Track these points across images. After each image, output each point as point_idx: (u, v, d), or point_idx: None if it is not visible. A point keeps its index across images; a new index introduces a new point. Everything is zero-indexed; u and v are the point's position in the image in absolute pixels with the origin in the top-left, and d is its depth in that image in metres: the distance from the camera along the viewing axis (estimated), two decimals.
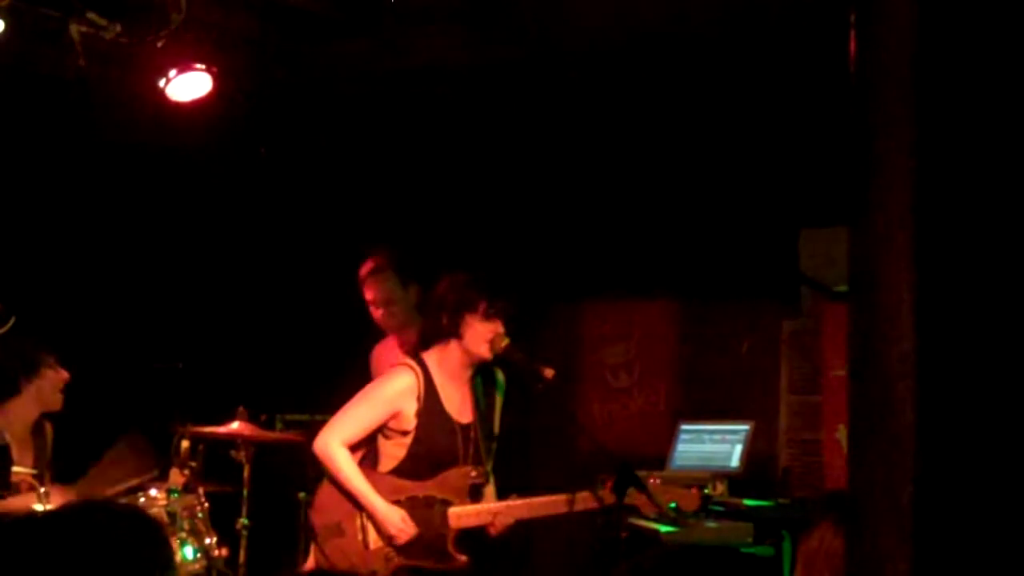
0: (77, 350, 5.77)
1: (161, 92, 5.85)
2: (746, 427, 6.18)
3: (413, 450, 5.00)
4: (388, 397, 5.02)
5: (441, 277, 5.13)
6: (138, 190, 7.26)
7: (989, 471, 2.71)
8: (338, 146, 7.24)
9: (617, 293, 7.19)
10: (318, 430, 5.09)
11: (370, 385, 5.16)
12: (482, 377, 5.16)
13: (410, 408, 5.00)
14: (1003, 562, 2.67)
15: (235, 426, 5.63)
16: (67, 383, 5.58)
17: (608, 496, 4.69)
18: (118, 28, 5.54)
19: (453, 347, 5.03)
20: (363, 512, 4.96)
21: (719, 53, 6.16)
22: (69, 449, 5.72)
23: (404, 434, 5.01)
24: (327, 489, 5.02)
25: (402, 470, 5.01)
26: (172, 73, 5.81)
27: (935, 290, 2.36)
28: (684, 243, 6.87)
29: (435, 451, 5.02)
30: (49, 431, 5.66)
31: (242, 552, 5.59)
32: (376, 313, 5.72)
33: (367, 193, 7.28)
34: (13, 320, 5.28)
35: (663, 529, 5.40)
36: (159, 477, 5.33)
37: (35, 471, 5.34)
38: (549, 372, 4.82)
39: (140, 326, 7.36)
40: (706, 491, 5.45)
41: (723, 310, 6.94)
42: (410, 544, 4.94)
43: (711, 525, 5.57)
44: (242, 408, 5.66)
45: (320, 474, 5.06)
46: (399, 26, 6.08)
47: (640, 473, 4.72)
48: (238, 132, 6.75)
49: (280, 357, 7.36)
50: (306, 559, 5.24)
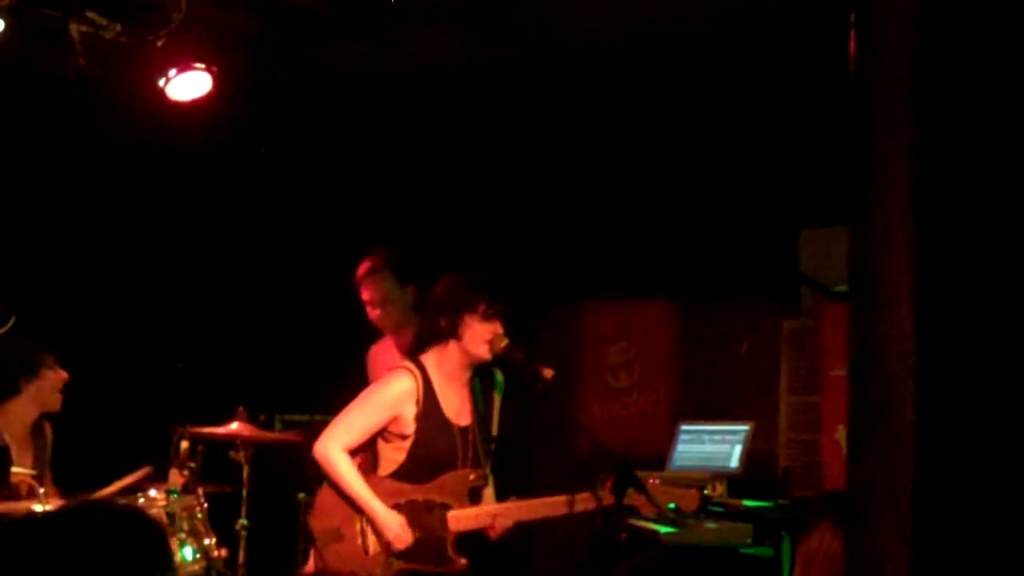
0: (77, 350, 5.78)
1: (161, 92, 5.86)
2: (746, 427, 6.18)
3: (412, 453, 4.99)
4: (387, 401, 5.01)
5: (439, 277, 5.13)
6: (138, 190, 7.26)
7: (989, 471, 2.70)
8: (338, 146, 7.23)
9: (617, 293, 7.18)
10: (317, 430, 5.09)
11: (369, 389, 5.15)
12: (481, 378, 5.15)
13: (409, 412, 4.98)
14: (1003, 562, 2.67)
15: (234, 426, 5.62)
16: (67, 383, 5.58)
17: (608, 497, 4.66)
18: (118, 28, 5.55)
19: (452, 348, 5.02)
20: (363, 517, 4.95)
21: (719, 53, 6.16)
22: (69, 449, 5.72)
23: (403, 438, 5.00)
24: (327, 493, 5.01)
25: (401, 473, 5.00)
26: (172, 73, 5.81)
27: (935, 290, 2.36)
28: (684, 243, 6.86)
29: (434, 454, 5.01)
30: (49, 431, 5.65)
31: (241, 553, 5.59)
32: (373, 313, 5.72)
33: (366, 193, 7.28)
34: (13, 320, 5.28)
35: (663, 530, 5.39)
36: (159, 477, 5.33)
37: (35, 472, 5.33)
38: (548, 372, 4.81)
39: (140, 326, 7.36)
40: (705, 492, 5.45)
41: (723, 310, 6.94)
42: (409, 548, 4.94)
43: (710, 526, 5.56)
44: (241, 408, 5.65)
45: (320, 476, 5.06)
46: (399, 26, 6.08)
47: (640, 473, 4.70)
48: (238, 132, 6.75)
49: (280, 357, 7.35)
50: (305, 561, 5.23)
